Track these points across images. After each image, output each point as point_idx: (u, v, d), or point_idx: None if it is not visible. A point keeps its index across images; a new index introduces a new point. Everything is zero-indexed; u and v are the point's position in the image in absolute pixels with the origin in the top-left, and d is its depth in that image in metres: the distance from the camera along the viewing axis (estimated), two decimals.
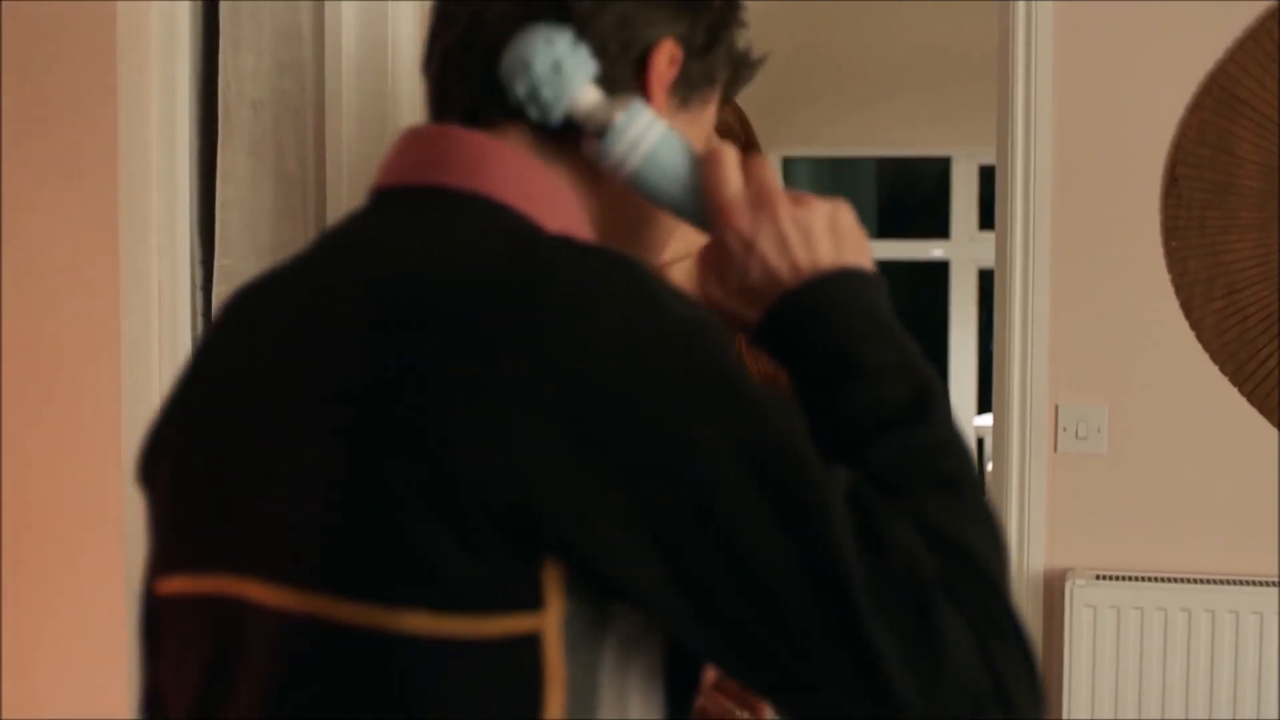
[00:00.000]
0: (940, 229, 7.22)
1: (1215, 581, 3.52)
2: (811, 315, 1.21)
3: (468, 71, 1.25)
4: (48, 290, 3.35)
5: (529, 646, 1.05)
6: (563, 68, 1.21)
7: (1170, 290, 3.58)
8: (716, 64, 1.33)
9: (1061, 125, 3.61)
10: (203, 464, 1.19)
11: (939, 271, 7.22)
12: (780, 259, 1.24)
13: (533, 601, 1.05)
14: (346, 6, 2.99)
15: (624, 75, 1.25)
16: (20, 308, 3.35)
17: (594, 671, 1.09)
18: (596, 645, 1.09)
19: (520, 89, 1.22)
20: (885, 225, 7.87)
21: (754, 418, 1.06)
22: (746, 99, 2.23)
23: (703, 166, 1.28)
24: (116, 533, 3.32)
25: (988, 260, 4.41)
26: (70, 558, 3.40)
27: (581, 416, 1.03)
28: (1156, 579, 3.52)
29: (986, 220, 6.82)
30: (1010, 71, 3.62)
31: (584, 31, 1.23)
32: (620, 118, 1.23)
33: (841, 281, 1.23)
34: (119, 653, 3.32)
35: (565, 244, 1.12)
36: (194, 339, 2.49)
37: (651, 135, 1.25)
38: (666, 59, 1.27)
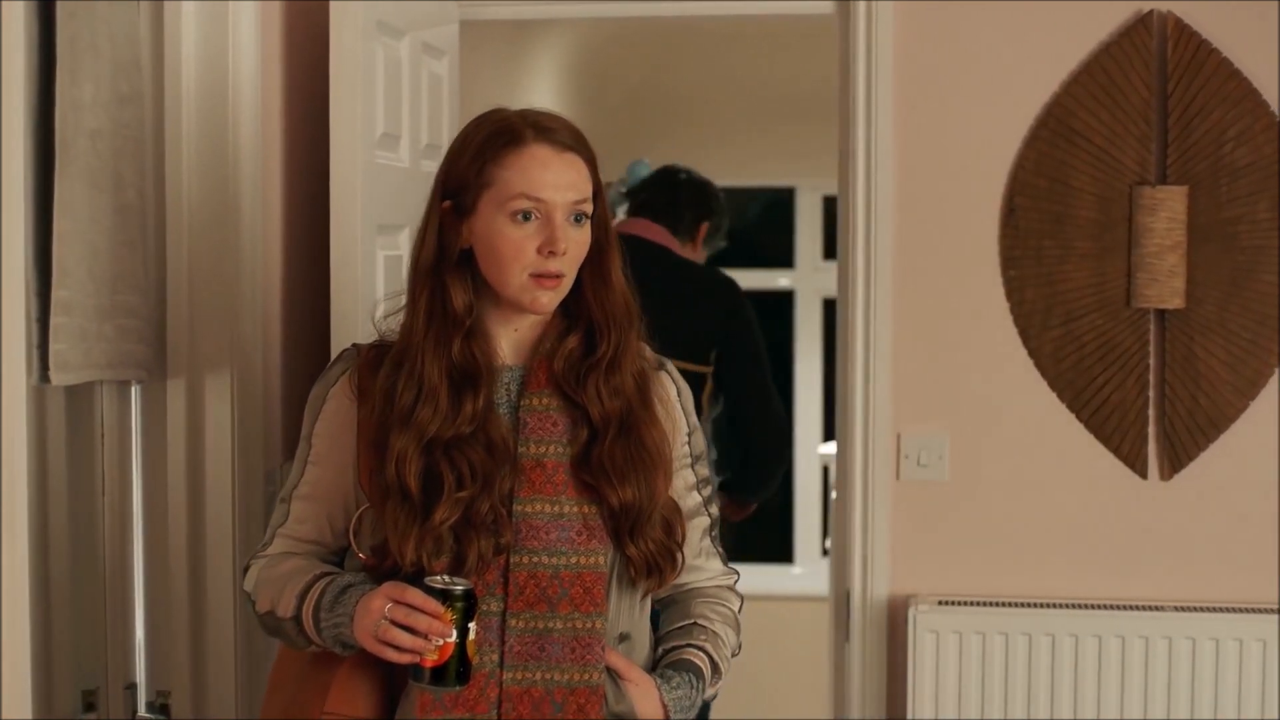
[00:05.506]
0: (785, 259, 7.28)
1: (1057, 605, 3.57)
2: None
3: None
4: None
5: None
6: None
7: (1009, 319, 3.64)
8: None
9: (902, 157, 3.66)
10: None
11: (785, 301, 7.26)
12: None
13: None
14: (187, 39, 2.95)
15: None
16: None
17: None
18: None
19: None
20: (731, 255, 7.90)
21: None
22: (594, 133, 2.24)
23: None
24: None
25: (832, 290, 4.48)
26: None
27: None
28: (998, 604, 3.57)
29: (831, 250, 6.89)
30: (852, 104, 3.67)
31: None
32: None
33: None
34: None
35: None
36: (29, 371, 2.43)
37: None
38: None
